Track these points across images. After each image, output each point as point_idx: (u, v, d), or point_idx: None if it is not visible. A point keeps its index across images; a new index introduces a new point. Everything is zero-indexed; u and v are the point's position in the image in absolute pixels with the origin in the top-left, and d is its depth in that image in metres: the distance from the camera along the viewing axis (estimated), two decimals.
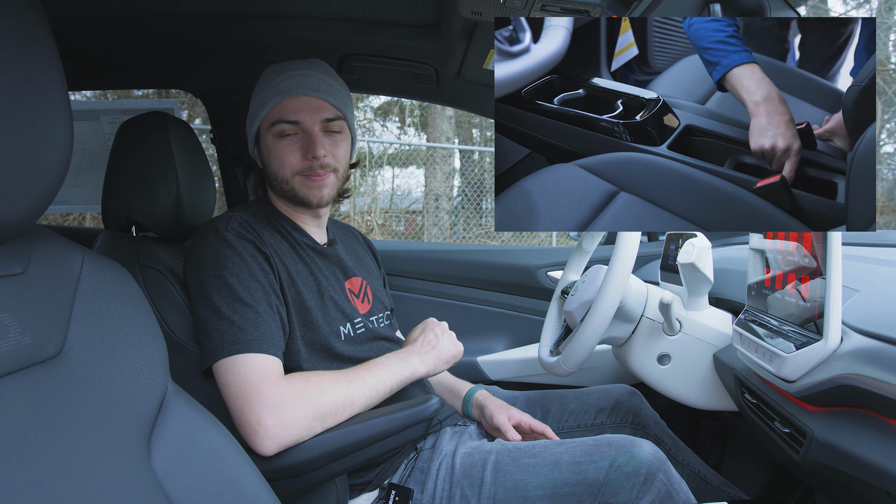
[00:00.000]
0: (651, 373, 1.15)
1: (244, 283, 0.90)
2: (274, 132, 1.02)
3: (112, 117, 1.69)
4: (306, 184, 1.03)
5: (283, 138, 1.02)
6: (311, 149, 1.00)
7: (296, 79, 1.02)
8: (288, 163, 1.02)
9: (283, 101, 1.01)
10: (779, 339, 0.80)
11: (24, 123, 0.46)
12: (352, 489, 0.97)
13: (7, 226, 0.47)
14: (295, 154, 1.02)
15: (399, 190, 7.75)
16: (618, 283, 1.02)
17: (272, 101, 1.01)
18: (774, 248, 0.89)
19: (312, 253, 1.07)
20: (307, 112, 1.01)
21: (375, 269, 1.27)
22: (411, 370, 0.98)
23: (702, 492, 1.20)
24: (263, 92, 1.04)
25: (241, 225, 0.96)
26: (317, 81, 1.03)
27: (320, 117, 1.02)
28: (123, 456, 0.52)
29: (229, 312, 0.88)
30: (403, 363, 0.98)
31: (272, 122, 1.02)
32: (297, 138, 1.02)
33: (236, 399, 0.83)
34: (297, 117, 1.01)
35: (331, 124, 1.04)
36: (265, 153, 1.05)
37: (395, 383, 0.96)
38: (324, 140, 1.02)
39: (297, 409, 0.83)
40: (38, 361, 0.49)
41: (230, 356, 0.85)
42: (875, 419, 0.64)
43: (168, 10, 1.23)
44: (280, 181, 1.04)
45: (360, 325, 1.06)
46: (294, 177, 1.03)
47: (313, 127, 1.02)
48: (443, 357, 1.03)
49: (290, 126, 1.01)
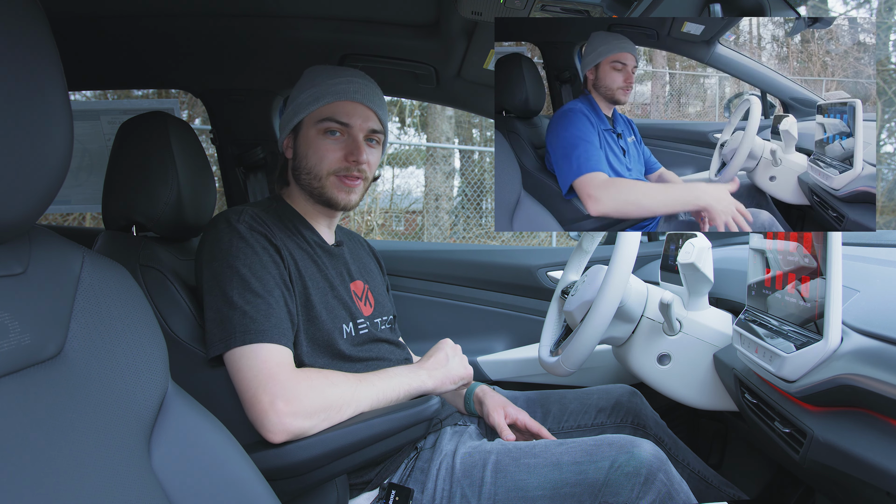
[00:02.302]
0: (651, 373, 1.15)
1: (256, 274, 0.91)
2: (320, 128, 1.05)
3: (112, 117, 1.69)
4: (339, 185, 1.06)
5: (327, 135, 1.05)
6: (356, 153, 1.05)
7: (354, 84, 1.07)
8: (327, 160, 1.05)
9: (338, 101, 1.05)
10: (779, 339, 0.80)
11: (24, 123, 0.46)
12: (352, 488, 0.97)
13: (7, 226, 0.47)
14: (336, 153, 1.05)
15: (399, 190, 7.75)
16: (618, 283, 1.02)
17: (327, 97, 1.05)
18: (774, 248, 0.89)
19: (321, 251, 1.08)
20: (359, 118, 1.06)
21: (379, 275, 1.28)
22: (419, 383, 0.99)
23: (702, 492, 1.20)
24: (317, 87, 1.06)
25: (253, 218, 0.97)
26: (372, 93, 1.09)
27: (368, 126, 1.07)
28: (123, 456, 0.52)
29: (241, 302, 0.89)
30: (412, 375, 0.99)
31: (322, 118, 1.05)
32: (341, 139, 1.06)
33: (250, 383, 0.84)
34: (349, 120, 1.05)
35: (374, 135, 1.09)
36: (304, 145, 1.07)
37: (402, 392, 0.96)
38: (364, 150, 1.06)
39: (309, 397, 0.84)
40: (38, 361, 0.49)
41: (244, 345, 0.86)
42: (875, 419, 0.64)
43: (168, 10, 1.23)
44: (313, 176, 1.06)
45: (363, 325, 1.07)
46: (329, 175, 1.05)
47: (360, 134, 1.06)
48: (451, 376, 1.04)
49: (339, 126, 1.05)
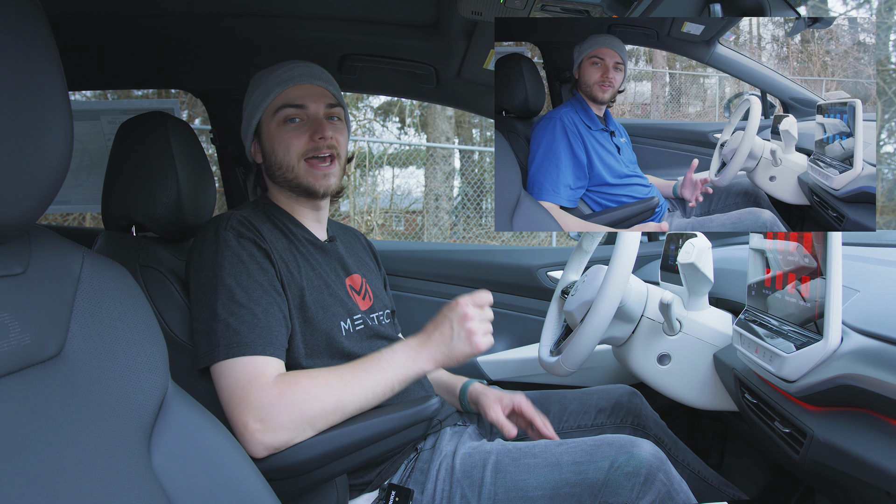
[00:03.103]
0: (651, 373, 1.15)
1: (242, 284, 0.90)
2: (279, 118, 1.04)
3: (112, 117, 1.69)
4: (312, 172, 1.05)
5: (287, 124, 1.04)
6: (319, 129, 1.03)
7: (297, 69, 1.06)
8: (294, 147, 1.04)
9: (287, 88, 1.05)
10: (779, 339, 0.80)
11: (24, 123, 0.46)
12: (352, 489, 0.97)
13: (7, 226, 0.47)
14: (301, 138, 1.04)
15: (399, 190, 7.75)
16: (618, 283, 1.02)
17: (276, 89, 1.04)
18: (774, 248, 0.89)
19: (312, 248, 1.07)
20: (312, 98, 1.05)
21: (375, 270, 1.27)
22: (417, 368, 0.93)
23: (702, 492, 1.20)
24: (264, 85, 1.06)
25: (241, 223, 0.96)
26: (317, 71, 1.08)
27: (324, 102, 1.06)
28: (123, 456, 0.52)
29: (225, 314, 0.88)
30: (409, 361, 0.93)
31: (276, 109, 1.04)
32: (302, 124, 1.05)
33: (227, 402, 0.84)
34: (303, 101, 1.04)
35: (332, 111, 1.07)
36: (268, 142, 1.06)
37: (396, 383, 0.92)
38: (327, 126, 1.05)
39: (282, 413, 0.82)
40: (38, 361, 0.49)
41: (224, 360, 0.85)
42: (875, 419, 0.64)
43: (168, 10, 1.23)
44: (285, 168, 1.05)
45: (359, 321, 1.06)
46: (300, 162, 1.04)
47: (318, 111, 1.05)
48: (453, 356, 0.95)
49: (296, 111, 1.04)
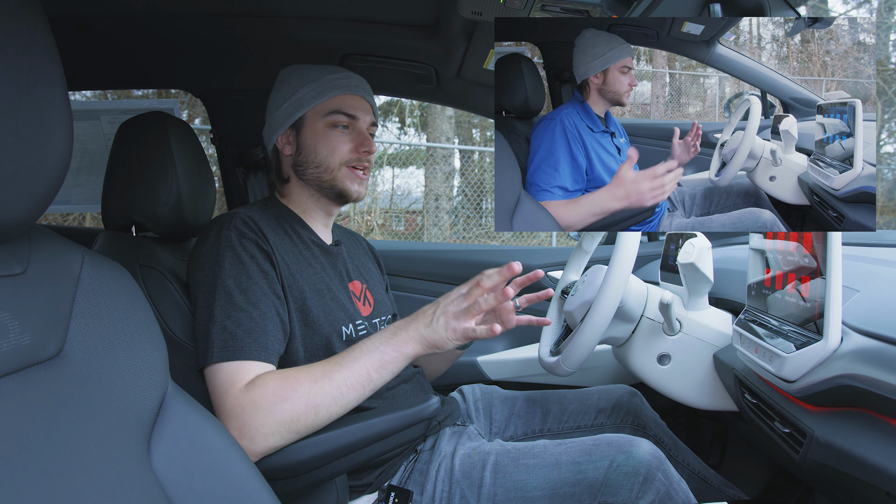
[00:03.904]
0: (651, 373, 1.15)
1: (241, 286, 0.90)
2: (328, 121, 1.07)
3: (112, 117, 1.69)
4: (351, 177, 1.08)
5: (335, 128, 1.07)
6: (366, 144, 1.08)
7: (354, 80, 1.10)
8: (339, 151, 1.07)
9: (343, 94, 1.08)
10: (779, 339, 0.80)
11: (24, 123, 0.46)
12: (352, 491, 0.96)
13: (7, 226, 0.47)
14: (347, 144, 1.07)
15: (399, 190, 7.75)
16: (618, 283, 1.02)
17: (332, 91, 1.07)
18: (774, 248, 0.89)
19: (318, 251, 1.08)
20: (363, 111, 1.10)
21: (378, 275, 1.27)
22: (393, 351, 0.89)
23: (702, 492, 1.20)
24: (318, 82, 1.07)
25: (244, 223, 0.96)
26: (368, 87, 1.14)
27: (370, 120, 1.11)
28: (123, 456, 0.52)
29: (222, 317, 0.87)
30: (384, 345, 0.89)
31: (329, 111, 1.07)
32: (347, 132, 1.08)
33: (213, 408, 0.85)
34: (356, 113, 1.08)
35: (373, 129, 1.12)
36: (311, 139, 1.07)
37: (372, 370, 0.88)
38: (372, 143, 1.10)
39: (254, 419, 0.81)
40: (38, 361, 0.49)
41: (216, 363, 0.85)
42: (875, 419, 0.64)
43: (168, 10, 1.23)
44: (324, 169, 1.07)
45: (361, 326, 1.06)
46: (341, 167, 1.07)
47: (365, 125, 1.10)
48: (433, 340, 0.89)
49: (346, 119, 1.08)
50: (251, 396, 0.82)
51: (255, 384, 0.84)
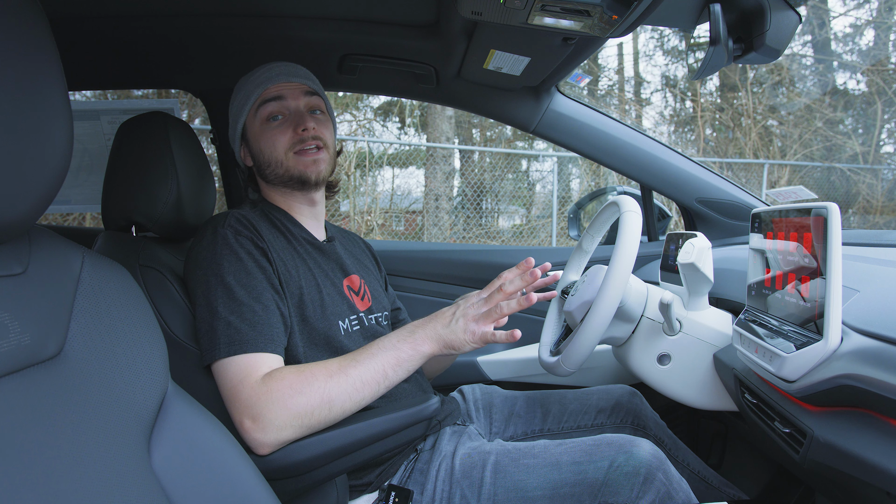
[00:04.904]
0: (651, 373, 1.15)
1: (241, 282, 0.91)
2: (261, 117, 1.07)
3: (112, 117, 1.69)
4: (301, 160, 1.07)
5: (270, 122, 1.07)
6: (301, 122, 1.06)
7: (275, 69, 1.09)
8: (279, 142, 1.06)
9: (267, 87, 1.07)
10: (779, 339, 0.80)
11: (24, 123, 0.46)
12: (352, 491, 0.97)
13: (7, 226, 0.47)
14: (285, 133, 1.06)
15: (399, 190, 7.74)
16: (618, 283, 1.02)
17: (256, 90, 1.07)
18: (774, 248, 0.89)
19: (311, 248, 1.08)
20: (289, 90, 1.08)
21: (375, 271, 1.27)
22: (410, 349, 0.90)
23: (702, 492, 1.20)
24: (244, 89, 1.09)
25: (239, 221, 0.97)
26: (293, 69, 1.11)
27: (304, 97, 1.09)
28: (123, 456, 0.52)
29: (225, 312, 0.88)
30: (401, 342, 0.91)
31: (258, 108, 1.07)
32: (284, 120, 1.07)
33: (225, 401, 0.85)
34: (281, 93, 1.07)
35: (312, 101, 1.10)
36: (255, 143, 1.08)
37: (388, 367, 0.89)
38: (310, 119, 1.07)
39: (270, 410, 0.82)
40: (38, 361, 0.49)
41: (228, 357, 0.86)
42: (875, 419, 0.64)
43: (168, 11, 1.23)
44: (274, 164, 1.07)
45: (355, 321, 1.07)
46: (287, 155, 1.06)
47: (298, 105, 1.08)
48: (450, 340, 0.90)
49: (277, 105, 1.07)
50: (268, 388, 0.83)
51: (271, 376, 0.85)
